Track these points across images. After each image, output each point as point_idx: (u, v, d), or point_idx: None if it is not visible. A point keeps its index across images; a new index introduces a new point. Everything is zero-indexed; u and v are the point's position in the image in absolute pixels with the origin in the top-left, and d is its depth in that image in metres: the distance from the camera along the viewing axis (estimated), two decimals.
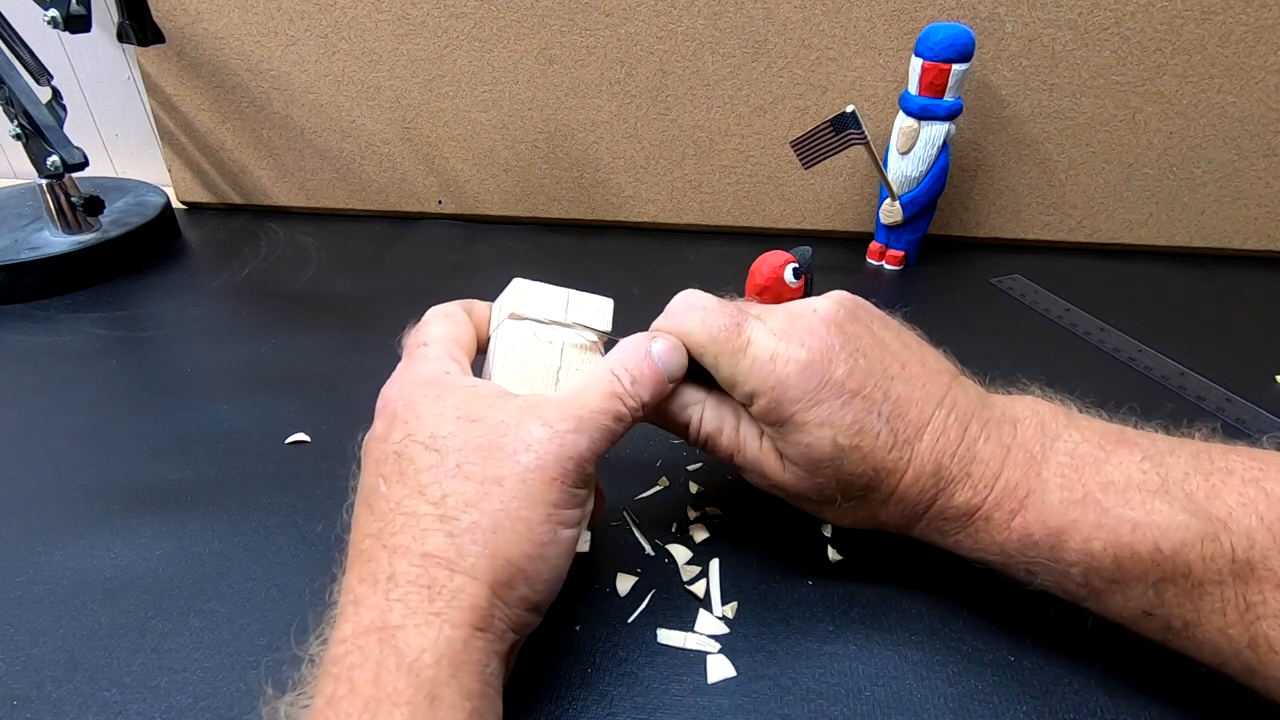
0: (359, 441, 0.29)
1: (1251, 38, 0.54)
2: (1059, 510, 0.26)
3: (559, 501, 0.25)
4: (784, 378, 0.28)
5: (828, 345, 0.28)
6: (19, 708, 0.28)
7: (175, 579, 0.33)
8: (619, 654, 0.30)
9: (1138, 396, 0.46)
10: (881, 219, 0.59)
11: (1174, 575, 0.25)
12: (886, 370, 0.28)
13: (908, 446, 0.28)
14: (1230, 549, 0.24)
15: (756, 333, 0.29)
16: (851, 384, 0.28)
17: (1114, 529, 0.25)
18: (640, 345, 0.29)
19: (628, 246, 0.66)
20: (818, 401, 0.27)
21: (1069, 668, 0.29)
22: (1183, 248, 0.63)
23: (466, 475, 0.25)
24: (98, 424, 0.43)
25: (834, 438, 0.27)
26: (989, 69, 0.58)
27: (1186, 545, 0.24)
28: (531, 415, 0.26)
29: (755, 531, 0.36)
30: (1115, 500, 0.25)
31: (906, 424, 0.28)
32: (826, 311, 0.29)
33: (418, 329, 0.31)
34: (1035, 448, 0.28)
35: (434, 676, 0.22)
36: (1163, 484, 0.25)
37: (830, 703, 0.28)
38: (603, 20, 0.60)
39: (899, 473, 0.28)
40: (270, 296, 0.57)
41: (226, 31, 0.64)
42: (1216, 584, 0.24)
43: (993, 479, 0.27)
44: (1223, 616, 0.24)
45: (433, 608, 0.23)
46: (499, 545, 0.24)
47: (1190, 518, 0.24)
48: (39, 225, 0.60)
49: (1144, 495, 0.25)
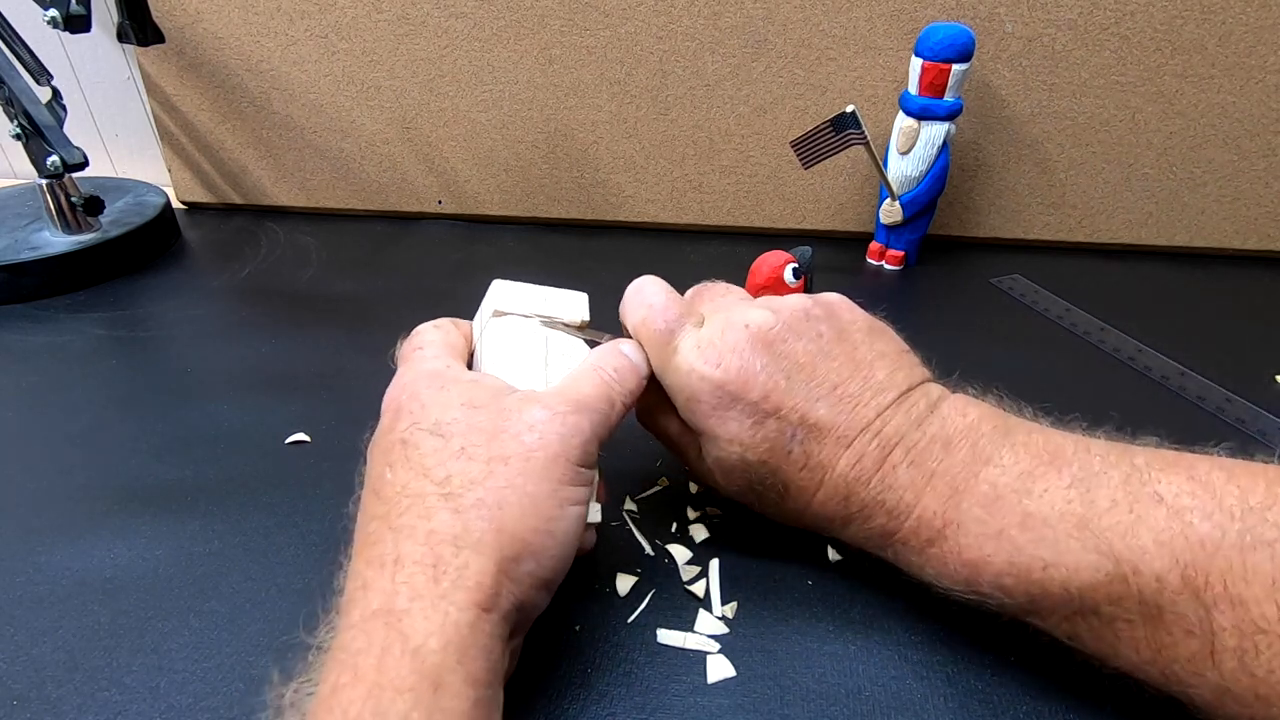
0: (365, 440, 0.30)
1: (1251, 38, 0.54)
2: (974, 544, 0.26)
3: (564, 478, 0.26)
4: (695, 392, 0.29)
5: (746, 366, 0.28)
6: (19, 708, 0.28)
7: (175, 579, 0.33)
8: (619, 654, 0.30)
9: (1138, 396, 0.46)
10: (881, 219, 0.59)
11: (1083, 611, 0.25)
12: (812, 393, 0.28)
13: (820, 469, 0.28)
14: (1138, 591, 0.23)
15: (684, 342, 0.30)
16: (767, 405, 0.28)
17: (1025, 566, 0.25)
18: (613, 346, 0.31)
19: (628, 246, 0.66)
20: (726, 420, 0.28)
21: (1068, 668, 0.29)
22: (1183, 248, 0.63)
23: (471, 456, 0.25)
24: (98, 424, 0.43)
25: (742, 454, 0.29)
26: (989, 69, 0.58)
27: (1094, 587, 0.24)
28: (531, 401, 0.27)
29: (755, 531, 0.36)
30: (1029, 538, 0.25)
31: (821, 447, 0.28)
32: (759, 327, 0.29)
33: (410, 339, 0.32)
34: (960, 474, 0.27)
35: (439, 663, 0.22)
36: (1081, 519, 0.25)
37: (830, 703, 0.28)
38: (603, 20, 0.60)
39: (810, 490, 0.29)
40: (270, 296, 0.57)
41: (226, 31, 0.64)
42: (1127, 623, 0.24)
43: (909, 508, 0.27)
44: (1136, 654, 0.24)
45: (438, 589, 0.23)
46: (505, 520, 0.24)
47: (1101, 558, 0.24)
48: (39, 225, 0.60)
49: (1058, 533, 0.25)
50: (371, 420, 0.30)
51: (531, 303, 0.32)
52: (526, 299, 0.33)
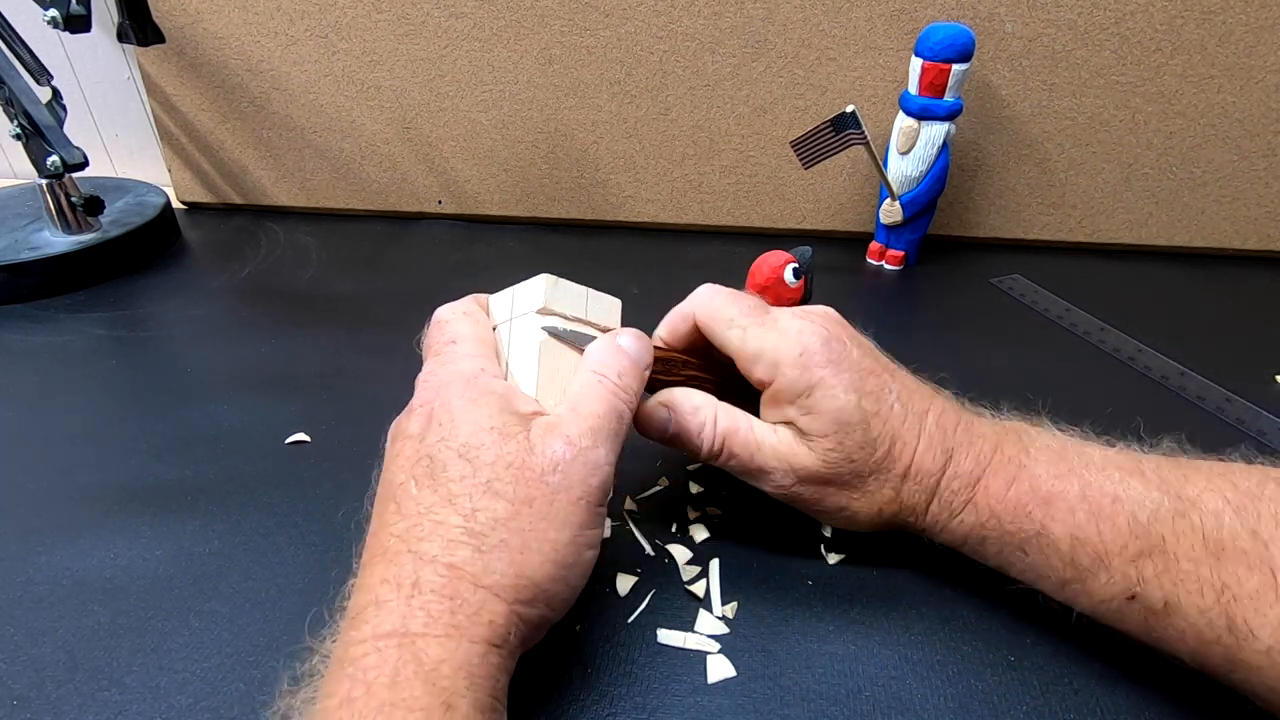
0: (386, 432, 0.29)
1: (1251, 38, 0.54)
2: (1047, 482, 0.28)
3: (584, 522, 0.26)
4: (809, 345, 0.30)
5: (842, 328, 0.32)
6: (19, 708, 0.28)
7: (175, 579, 0.33)
8: (619, 654, 0.30)
9: (1138, 396, 0.46)
10: (881, 219, 0.59)
11: (1150, 549, 0.26)
12: (887, 363, 0.32)
13: (918, 419, 0.31)
14: (1200, 526, 0.25)
15: (779, 311, 0.32)
16: (866, 363, 0.31)
17: (1095, 500, 0.27)
18: (610, 344, 0.30)
19: (628, 246, 0.66)
20: (841, 370, 0.30)
21: (1068, 668, 0.29)
22: (1183, 248, 0.63)
23: (497, 493, 0.25)
24: (98, 424, 0.43)
25: (859, 402, 0.30)
26: (989, 69, 0.58)
27: (1159, 518, 0.26)
28: (553, 435, 0.26)
29: (755, 531, 0.36)
30: (1096, 475, 0.28)
31: (914, 401, 0.31)
32: (828, 313, 0.33)
33: (439, 328, 0.31)
34: (1022, 434, 0.31)
35: (450, 687, 0.22)
36: (1137, 466, 0.28)
37: (830, 703, 0.28)
38: (603, 20, 0.60)
39: (913, 441, 0.30)
40: (270, 296, 0.57)
41: (226, 31, 0.64)
42: (1191, 561, 0.25)
43: (991, 450, 0.30)
44: (1200, 597, 0.25)
45: (454, 620, 0.23)
46: (525, 566, 0.25)
47: (1162, 495, 0.26)
48: (39, 225, 0.60)
49: (1121, 473, 0.28)
50: (373, 419, 0.30)
51: (574, 303, 0.31)
52: (572, 300, 0.31)
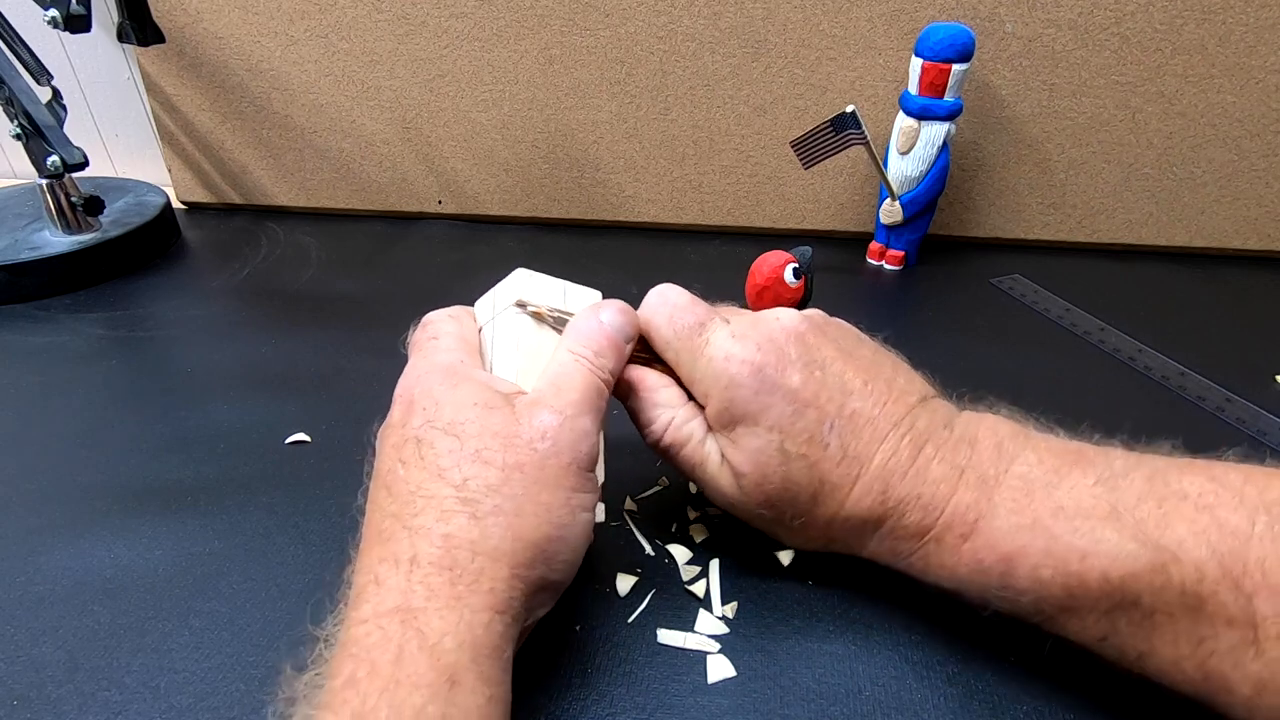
0: (373, 431, 0.29)
1: (1251, 38, 0.54)
2: (1009, 536, 0.26)
3: (575, 485, 0.26)
4: (735, 377, 0.28)
5: (783, 353, 0.29)
6: (19, 708, 0.28)
7: (175, 579, 0.33)
8: (619, 654, 0.30)
9: (1138, 396, 0.46)
10: (881, 219, 0.59)
11: (1124, 605, 0.24)
12: (845, 386, 0.29)
13: (856, 463, 0.28)
14: (1179, 582, 0.23)
15: (716, 334, 0.30)
16: (805, 394, 0.28)
17: (1062, 557, 0.25)
18: (591, 318, 0.30)
19: (628, 246, 0.66)
20: (767, 406, 0.28)
21: (1068, 668, 0.29)
22: (1183, 248, 0.63)
23: (487, 461, 0.25)
24: (98, 424, 0.43)
25: (782, 444, 0.28)
26: (989, 69, 0.58)
27: (1135, 576, 0.24)
28: (539, 406, 0.27)
29: (755, 531, 0.35)
30: (1064, 528, 0.25)
31: (858, 439, 0.28)
32: (789, 322, 0.30)
33: (424, 327, 0.32)
34: (989, 471, 0.27)
35: (455, 661, 0.22)
36: (1113, 510, 0.25)
37: (830, 703, 0.28)
38: (603, 20, 0.60)
39: (845, 487, 0.28)
40: (270, 296, 0.57)
41: (226, 31, 0.64)
42: (1167, 615, 0.24)
43: (944, 501, 0.27)
44: (1175, 649, 0.24)
45: (454, 591, 0.23)
46: (521, 528, 0.25)
47: (1139, 547, 0.24)
48: (39, 225, 0.60)
49: (1093, 523, 0.25)
50: (373, 419, 0.30)
51: (551, 296, 0.32)
52: (547, 292, 0.32)
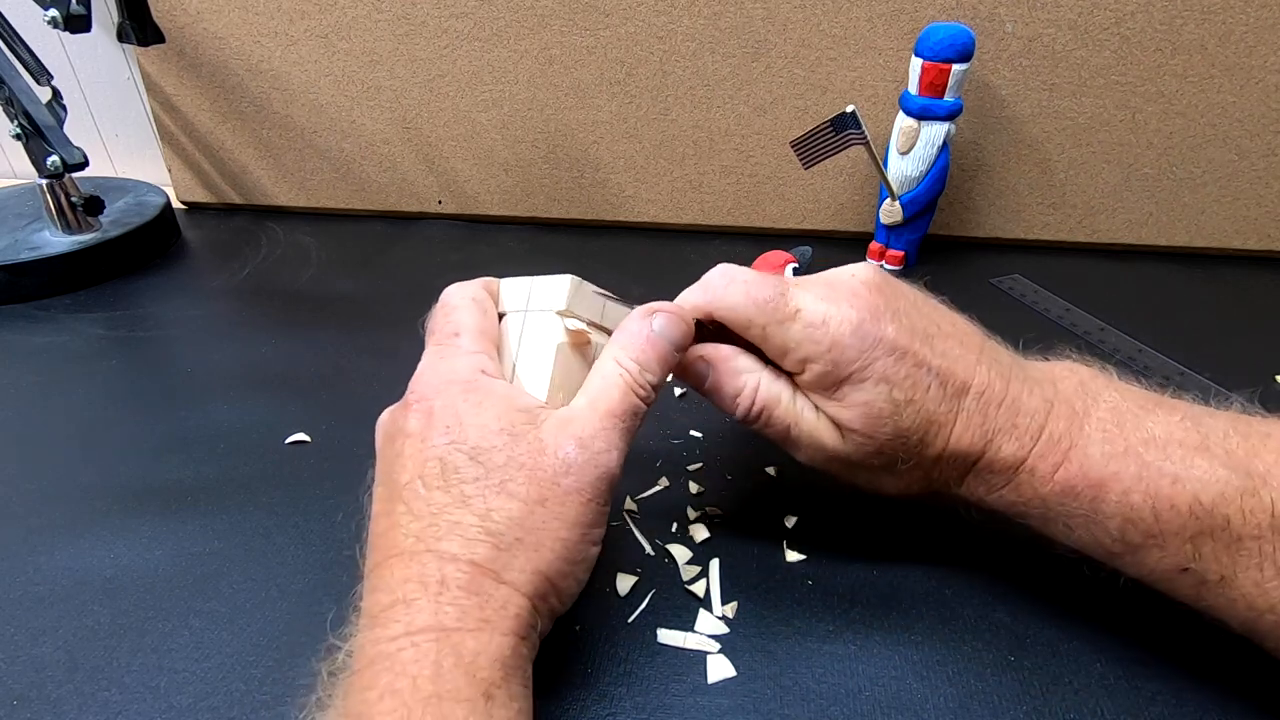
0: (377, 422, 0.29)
1: (1251, 38, 0.54)
2: (1100, 463, 0.26)
3: (593, 521, 0.26)
4: (839, 338, 0.28)
5: (874, 305, 0.29)
6: (19, 708, 0.28)
7: (175, 579, 0.33)
8: (619, 654, 0.30)
9: None
10: (881, 219, 0.59)
11: (1212, 529, 0.25)
12: (926, 330, 0.29)
13: (956, 399, 0.28)
14: (1270, 504, 0.24)
15: (803, 299, 0.29)
16: (901, 341, 0.28)
17: (1154, 482, 0.25)
18: (642, 328, 0.29)
19: (628, 246, 0.66)
20: (873, 359, 0.28)
21: (1068, 668, 0.29)
22: (1183, 248, 0.63)
23: (511, 493, 0.25)
24: (98, 424, 0.43)
25: (890, 393, 0.28)
26: (989, 69, 0.58)
27: (1226, 499, 0.24)
28: (566, 435, 0.26)
29: (755, 531, 0.36)
30: (1156, 454, 0.26)
31: (953, 377, 0.28)
32: (865, 275, 0.30)
33: (445, 313, 0.30)
34: (1077, 403, 0.28)
35: (489, 677, 0.23)
36: (1202, 441, 0.26)
37: (830, 703, 0.28)
38: (603, 20, 0.60)
39: (949, 425, 0.28)
40: (270, 296, 0.57)
41: (226, 31, 0.64)
42: (1255, 539, 0.24)
43: (1037, 431, 0.28)
44: (1259, 571, 0.24)
45: (483, 614, 0.24)
46: (539, 562, 0.25)
47: (1230, 473, 0.25)
48: (39, 225, 0.60)
49: (1184, 451, 0.26)
50: (373, 419, 0.29)
51: (593, 310, 0.31)
52: (591, 306, 0.31)
